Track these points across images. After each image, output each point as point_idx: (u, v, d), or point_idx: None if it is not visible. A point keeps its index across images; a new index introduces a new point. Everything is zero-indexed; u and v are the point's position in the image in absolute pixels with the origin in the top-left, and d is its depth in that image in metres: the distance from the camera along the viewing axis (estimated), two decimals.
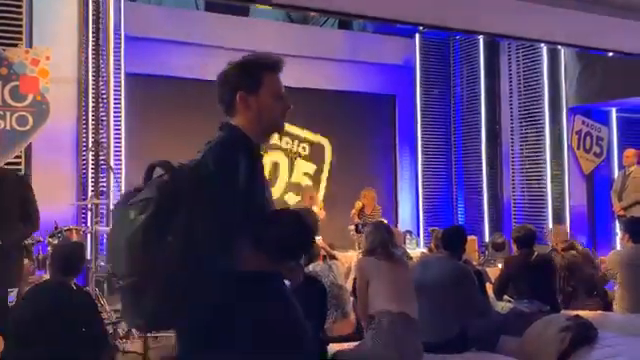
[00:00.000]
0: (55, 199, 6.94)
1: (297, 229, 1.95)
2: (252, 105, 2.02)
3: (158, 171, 1.87)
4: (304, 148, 9.24)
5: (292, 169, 9.31)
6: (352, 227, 8.12)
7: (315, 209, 7.71)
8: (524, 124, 9.63)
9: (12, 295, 4.90)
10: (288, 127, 8.05)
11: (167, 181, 1.78)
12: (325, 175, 9.57)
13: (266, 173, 9.68)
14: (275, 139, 8.69)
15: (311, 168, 9.31)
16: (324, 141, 9.53)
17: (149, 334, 5.25)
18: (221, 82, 2.07)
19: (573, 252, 6.11)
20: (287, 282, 2.12)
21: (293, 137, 9.20)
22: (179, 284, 1.70)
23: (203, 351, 1.86)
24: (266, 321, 1.87)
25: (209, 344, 1.84)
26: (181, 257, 1.69)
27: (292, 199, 9.11)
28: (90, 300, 3.54)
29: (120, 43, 7.72)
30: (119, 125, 7.72)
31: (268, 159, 8.92)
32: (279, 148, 9.15)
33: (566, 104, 9.35)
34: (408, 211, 10.39)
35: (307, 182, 9.12)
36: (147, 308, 1.72)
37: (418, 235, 9.97)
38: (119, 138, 7.73)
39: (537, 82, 9.39)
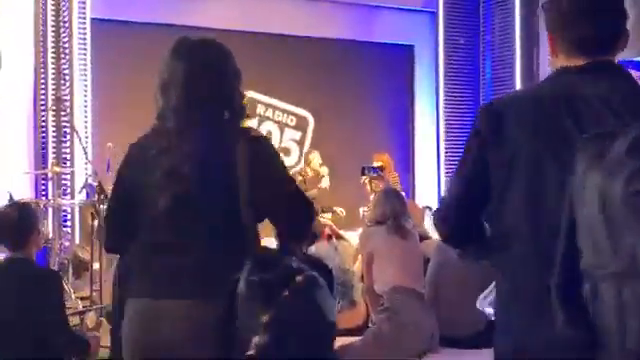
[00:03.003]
0: (8, 167, 6.89)
1: None
2: None
3: None
4: (292, 120, 10.03)
5: (282, 136, 10.00)
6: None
7: (324, 171, 8.19)
8: None
9: None
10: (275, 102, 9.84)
11: None
12: (308, 140, 10.08)
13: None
14: (269, 111, 9.94)
15: (297, 135, 10.09)
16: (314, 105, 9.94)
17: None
18: None
19: None
20: None
21: (281, 110, 9.98)
22: None
23: None
24: None
25: None
26: None
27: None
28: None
29: None
30: (85, 80, 7.68)
31: (263, 128, 9.72)
32: (271, 119, 9.91)
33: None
34: (427, 183, 10.39)
35: (294, 147, 10.06)
36: None
37: None
38: (85, 95, 7.67)
39: None
